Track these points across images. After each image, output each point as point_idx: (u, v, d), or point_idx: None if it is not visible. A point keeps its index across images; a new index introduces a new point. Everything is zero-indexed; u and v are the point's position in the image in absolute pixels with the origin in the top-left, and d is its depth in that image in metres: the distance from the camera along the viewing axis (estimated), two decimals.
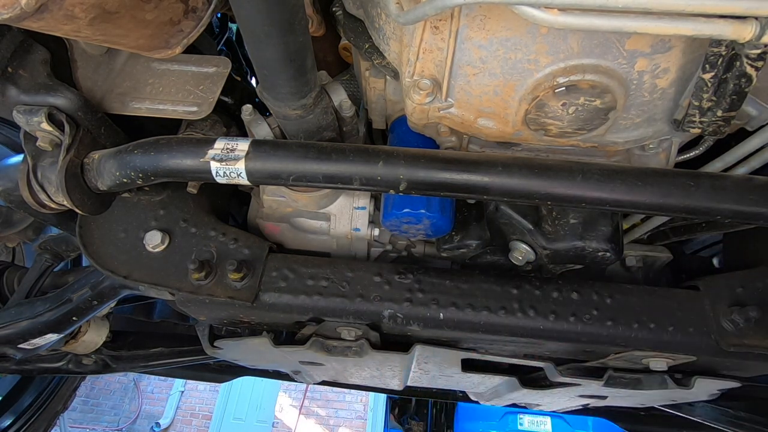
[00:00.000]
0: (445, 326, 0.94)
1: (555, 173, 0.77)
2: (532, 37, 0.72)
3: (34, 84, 0.87)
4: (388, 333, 1.01)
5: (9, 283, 1.35)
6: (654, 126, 0.85)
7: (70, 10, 0.66)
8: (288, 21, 0.66)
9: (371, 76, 0.99)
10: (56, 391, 2.09)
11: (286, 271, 0.98)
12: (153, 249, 0.97)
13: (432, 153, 0.81)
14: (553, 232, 0.99)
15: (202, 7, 0.89)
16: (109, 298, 1.11)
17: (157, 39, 0.86)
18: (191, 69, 0.98)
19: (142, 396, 7.26)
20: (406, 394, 2.03)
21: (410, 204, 0.94)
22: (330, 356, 1.04)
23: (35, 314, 1.14)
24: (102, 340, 1.50)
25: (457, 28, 0.73)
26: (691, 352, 0.94)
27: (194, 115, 0.94)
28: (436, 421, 5.89)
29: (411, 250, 1.19)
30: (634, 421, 1.96)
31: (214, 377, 2.00)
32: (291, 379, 1.69)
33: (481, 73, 0.79)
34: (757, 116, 0.83)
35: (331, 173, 0.80)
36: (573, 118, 0.79)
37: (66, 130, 0.87)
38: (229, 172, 0.81)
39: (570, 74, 0.73)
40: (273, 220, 1.12)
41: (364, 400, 6.86)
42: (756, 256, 1.12)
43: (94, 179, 0.92)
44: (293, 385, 6.95)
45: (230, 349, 1.16)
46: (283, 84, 0.79)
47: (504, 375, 1.18)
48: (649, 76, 0.74)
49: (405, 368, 1.22)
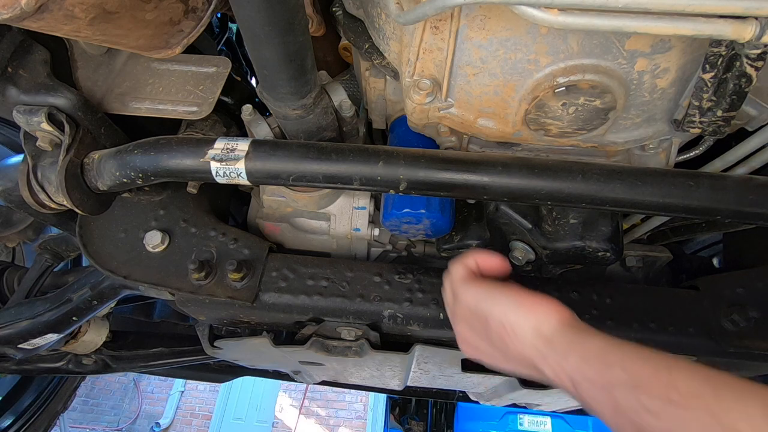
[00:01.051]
0: (445, 326, 0.94)
1: (555, 173, 0.77)
2: (532, 37, 0.72)
3: (34, 84, 0.87)
4: (388, 333, 1.01)
5: (9, 283, 1.35)
6: (654, 126, 0.85)
7: (70, 10, 0.66)
8: (288, 21, 0.66)
9: (371, 76, 0.99)
10: (56, 391, 2.08)
11: (286, 271, 0.98)
12: (153, 249, 0.97)
13: (432, 153, 0.81)
14: (553, 232, 0.99)
15: (202, 7, 0.89)
16: (109, 298, 1.11)
17: (157, 39, 0.86)
18: (191, 69, 0.98)
19: (142, 396, 7.26)
20: (406, 394, 2.03)
21: (410, 204, 0.94)
22: (330, 356, 1.04)
23: (35, 314, 1.14)
24: (102, 340, 1.50)
25: (457, 28, 0.73)
26: (691, 352, 0.94)
27: (194, 115, 0.94)
28: (436, 421, 5.89)
29: (411, 250, 1.19)
30: None
31: (214, 377, 1.99)
32: (291, 379, 1.69)
33: (481, 73, 0.79)
34: (757, 116, 0.83)
35: (331, 173, 0.80)
36: (573, 118, 0.79)
37: (66, 130, 0.87)
38: (229, 172, 0.81)
39: (570, 74, 0.73)
40: (273, 220, 1.12)
41: (364, 400, 6.86)
42: (756, 256, 1.12)
43: (94, 179, 0.91)
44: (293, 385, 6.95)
45: (230, 349, 1.16)
46: (283, 84, 0.79)
47: (504, 375, 1.18)
48: (649, 76, 0.74)
49: (405, 368, 1.22)
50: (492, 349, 0.72)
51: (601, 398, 0.55)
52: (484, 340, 0.72)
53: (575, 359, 0.59)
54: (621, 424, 0.53)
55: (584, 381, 0.57)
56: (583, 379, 0.57)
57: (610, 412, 0.54)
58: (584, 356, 0.59)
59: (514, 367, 0.70)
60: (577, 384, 0.58)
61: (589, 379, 0.57)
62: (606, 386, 0.55)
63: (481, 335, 0.73)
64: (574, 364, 0.59)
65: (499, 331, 0.68)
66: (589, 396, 0.57)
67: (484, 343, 0.73)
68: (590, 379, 0.57)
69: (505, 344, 0.68)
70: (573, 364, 0.59)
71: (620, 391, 0.53)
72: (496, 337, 0.69)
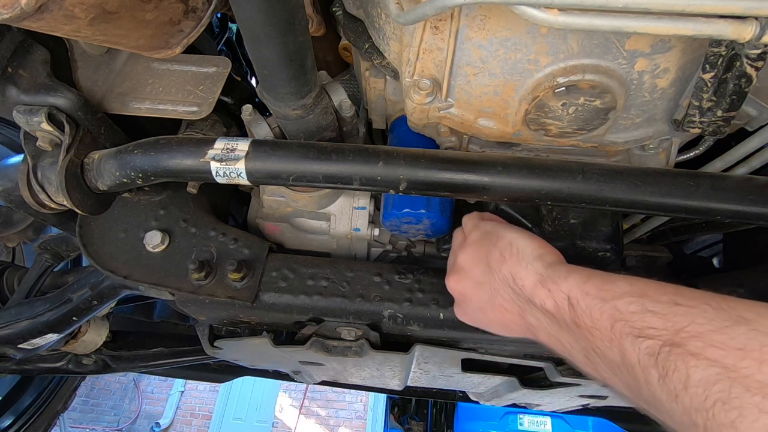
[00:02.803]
0: (445, 326, 0.94)
1: (555, 173, 0.77)
2: (532, 37, 0.72)
3: (34, 84, 0.87)
4: (388, 333, 1.01)
5: (9, 283, 1.35)
6: (654, 126, 0.85)
7: (70, 10, 0.66)
8: (288, 21, 0.66)
9: (371, 76, 0.99)
10: (56, 391, 2.08)
11: (286, 271, 0.98)
12: (153, 249, 0.97)
13: (432, 153, 0.81)
14: (553, 232, 0.99)
15: (202, 7, 0.89)
16: (109, 298, 1.11)
17: (157, 39, 0.86)
18: (191, 69, 0.98)
19: (142, 396, 7.26)
20: (406, 394, 2.03)
21: (410, 204, 0.94)
22: (330, 356, 1.04)
23: (35, 314, 1.14)
24: (102, 340, 1.50)
25: (457, 28, 0.73)
26: None
27: (194, 115, 0.94)
28: (436, 421, 5.89)
29: (411, 250, 1.19)
30: (634, 421, 1.96)
31: (214, 377, 1.99)
32: (291, 379, 1.69)
33: (481, 73, 0.79)
34: (757, 116, 0.83)
35: (331, 173, 0.80)
36: (573, 118, 0.79)
37: (66, 130, 0.87)
38: (229, 172, 0.81)
39: (570, 74, 0.73)
40: (273, 220, 1.12)
41: (364, 400, 6.86)
42: (756, 256, 1.12)
43: (94, 179, 0.91)
44: (293, 385, 6.95)
45: (230, 349, 1.16)
46: (283, 84, 0.79)
47: (504, 375, 1.18)
48: (649, 76, 0.74)
49: (405, 368, 1.22)
50: (485, 277, 0.71)
51: (599, 311, 0.53)
52: (480, 264, 0.72)
53: (576, 278, 0.58)
54: (618, 334, 0.50)
55: (583, 297, 0.55)
56: (583, 294, 0.55)
57: (606, 323, 0.52)
58: (586, 276, 0.58)
59: (496, 302, 0.69)
60: (574, 301, 0.56)
61: (589, 294, 0.55)
62: (607, 298, 0.53)
63: (479, 259, 0.73)
64: (573, 282, 0.58)
65: (503, 250, 0.69)
66: (585, 314, 0.54)
67: (478, 269, 0.73)
68: (590, 293, 0.55)
69: (501, 264, 0.68)
70: (573, 282, 0.58)
71: (622, 301, 0.51)
72: (497, 257, 0.69)
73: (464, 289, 0.76)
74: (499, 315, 0.70)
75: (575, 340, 0.57)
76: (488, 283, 0.71)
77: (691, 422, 0.42)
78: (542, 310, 0.61)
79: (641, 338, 0.48)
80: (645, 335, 0.48)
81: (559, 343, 0.61)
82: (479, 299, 0.73)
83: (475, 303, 0.75)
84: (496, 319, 0.71)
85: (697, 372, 0.42)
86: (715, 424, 0.40)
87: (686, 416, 0.43)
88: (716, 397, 0.40)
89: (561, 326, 0.59)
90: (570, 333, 0.57)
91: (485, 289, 0.71)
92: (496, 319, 0.71)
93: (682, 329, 0.45)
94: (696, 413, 0.42)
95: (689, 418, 0.42)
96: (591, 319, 0.54)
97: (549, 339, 0.63)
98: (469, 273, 0.75)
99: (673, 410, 0.44)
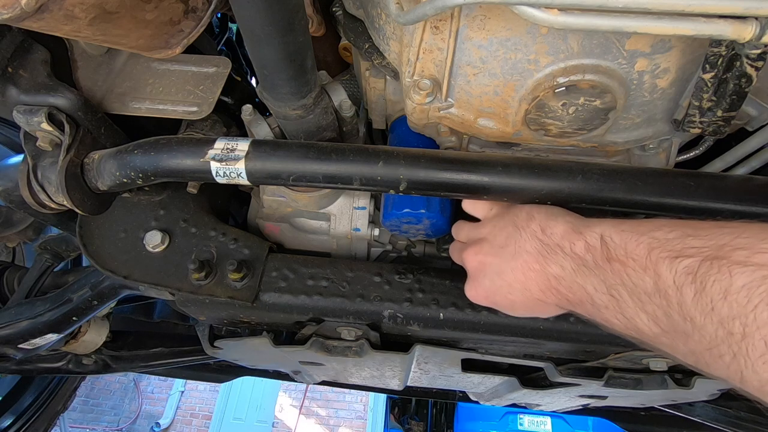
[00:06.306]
0: (445, 326, 0.94)
1: (555, 173, 0.77)
2: (532, 37, 0.72)
3: (34, 84, 0.87)
4: (388, 333, 1.01)
5: (9, 283, 1.35)
6: (654, 126, 0.85)
7: (70, 10, 0.66)
8: (288, 21, 0.66)
9: (371, 76, 0.99)
10: (56, 391, 2.08)
11: (286, 271, 0.98)
12: (153, 249, 0.97)
13: (432, 153, 0.81)
14: None
15: (202, 7, 0.89)
16: (109, 298, 1.11)
17: (157, 39, 0.86)
18: (191, 69, 0.98)
19: (142, 396, 7.26)
20: (406, 394, 2.03)
21: (410, 204, 0.94)
22: (330, 356, 1.04)
23: (35, 314, 1.14)
24: (102, 340, 1.50)
25: (457, 28, 0.73)
26: None
27: (194, 115, 0.94)
28: (436, 421, 5.89)
29: (411, 250, 1.19)
30: (634, 421, 1.96)
31: (214, 377, 1.99)
32: (291, 379, 1.69)
33: (481, 73, 0.79)
34: (757, 116, 0.83)
35: (331, 173, 0.80)
36: (573, 118, 0.79)
37: (66, 130, 0.87)
38: (229, 172, 0.81)
39: (570, 74, 0.73)
40: (273, 220, 1.12)
41: (364, 400, 6.86)
42: None
43: (94, 179, 0.92)
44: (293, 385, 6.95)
45: (230, 349, 1.16)
46: (283, 84, 0.79)
47: (504, 375, 1.18)
48: (649, 76, 0.74)
49: (405, 368, 1.22)
50: (509, 239, 0.71)
51: (636, 243, 0.52)
52: (506, 229, 0.73)
53: (609, 221, 0.58)
54: (654, 260, 0.49)
55: (618, 233, 0.54)
56: (617, 231, 0.55)
57: (643, 251, 0.51)
58: (620, 220, 0.57)
59: (519, 261, 0.68)
60: (608, 239, 0.55)
61: (624, 230, 0.54)
62: (644, 231, 0.52)
63: (504, 225, 0.74)
64: (607, 224, 0.57)
65: (530, 211, 0.71)
66: (620, 247, 0.53)
67: (503, 234, 0.73)
68: (626, 230, 0.54)
69: (529, 221, 0.68)
70: (606, 224, 0.58)
71: (661, 231, 0.50)
72: (524, 216, 0.70)
73: (485, 257, 0.75)
74: (519, 274, 0.68)
75: (601, 281, 0.56)
76: (513, 244, 0.70)
77: (726, 333, 0.41)
78: (570, 255, 0.61)
79: (679, 258, 0.47)
80: (684, 255, 0.47)
81: (582, 290, 0.59)
82: (500, 261, 0.71)
83: (494, 267, 0.73)
84: (516, 281, 0.69)
85: (741, 278, 0.41)
86: (755, 325, 0.39)
87: (721, 328, 0.42)
88: (761, 298, 0.39)
89: (587, 269, 0.58)
90: (596, 274, 0.57)
91: (509, 250, 0.70)
92: (516, 281, 0.69)
93: (726, 244, 0.44)
94: (733, 321, 0.41)
95: (724, 330, 0.41)
96: (625, 251, 0.53)
97: (569, 290, 0.62)
98: (492, 241, 0.75)
99: (703, 327, 0.43)
